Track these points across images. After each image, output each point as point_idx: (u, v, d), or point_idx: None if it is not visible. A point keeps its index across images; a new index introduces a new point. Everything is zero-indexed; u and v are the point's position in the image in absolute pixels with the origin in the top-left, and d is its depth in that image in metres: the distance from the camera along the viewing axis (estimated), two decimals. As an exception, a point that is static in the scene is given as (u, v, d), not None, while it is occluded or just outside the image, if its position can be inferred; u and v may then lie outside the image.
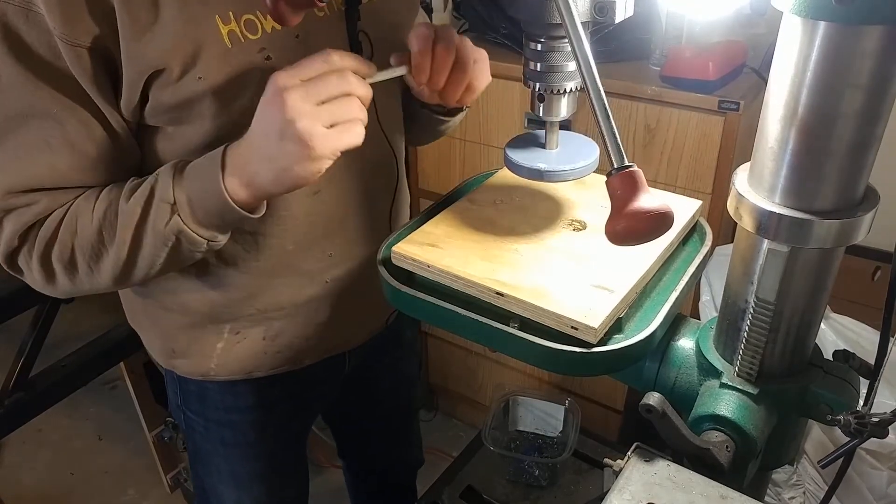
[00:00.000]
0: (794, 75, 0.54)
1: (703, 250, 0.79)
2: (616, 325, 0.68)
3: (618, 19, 0.65)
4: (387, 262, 0.77)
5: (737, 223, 0.63)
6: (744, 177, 0.63)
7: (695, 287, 1.25)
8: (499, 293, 0.69)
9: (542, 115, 0.76)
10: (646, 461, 0.63)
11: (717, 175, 1.47)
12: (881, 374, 0.66)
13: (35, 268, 0.78)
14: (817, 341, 0.70)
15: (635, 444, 0.65)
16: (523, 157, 0.78)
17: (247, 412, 1.06)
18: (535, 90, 0.75)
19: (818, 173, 0.56)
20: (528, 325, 0.68)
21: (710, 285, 1.51)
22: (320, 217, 0.90)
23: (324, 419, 1.43)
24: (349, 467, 1.57)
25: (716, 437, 0.64)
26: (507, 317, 0.69)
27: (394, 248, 0.75)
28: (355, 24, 0.85)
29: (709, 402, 0.66)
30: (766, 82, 0.58)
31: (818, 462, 0.68)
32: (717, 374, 0.69)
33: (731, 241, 0.69)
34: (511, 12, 0.70)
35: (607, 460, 0.67)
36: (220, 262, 0.89)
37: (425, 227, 0.79)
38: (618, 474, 0.63)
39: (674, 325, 0.75)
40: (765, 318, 0.63)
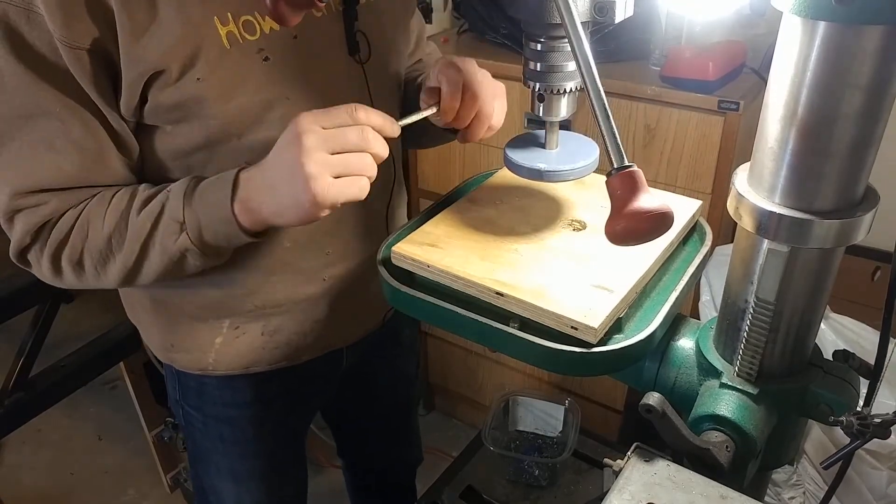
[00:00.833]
0: (794, 75, 0.54)
1: (703, 250, 0.79)
2: (616, 325, 0.68)
3: (618, 19, 0.65)
4: (386, 262, 0.77)
5: (737, 223, 0.63)
6: (744, 177, 0.63)
7: (695, 287, 1.25)
8: (499, 293, 0.69)
9: (541, 115, 0.76)
10: (646, 461, 0.63)
11: (717, 175, 1.47)
12: (883, 374, 0.66)
13: (45, 264, 0.81)
14: (817, 341, 0.70)
15: (635, 444, 0.65)
16: (523, 157, 0.78)
17: (245, 407, 1.06)
18: (535, 90, 0.75)
19: (818, 173, 0.56)
20: (527, 325, 0.68)
21: (710, 285, 1.51)
22: None
23: (323, 418, 1.43)
24: (348, 467, 1.58)
25: (716, 437, 0.64)
26: (506, 317, 0.69)
27: (394, 248, 0.75)
28: (353, 25, 0.85)
29: (709, 402, 0.66)
30: (765, 82, 0.58)
31: (820, 463, 0.68)
32: (716, 374, 0.69)
33: (731, 241, 0.69)
34: (511, 12, 0.70)
35: (607, 460, 0.67)
36: None
37: (425, 227, 0.79)
38: (618, 474, 0.63)
39: (674, 325, 0.75)
40: (765, 318, 0.63)
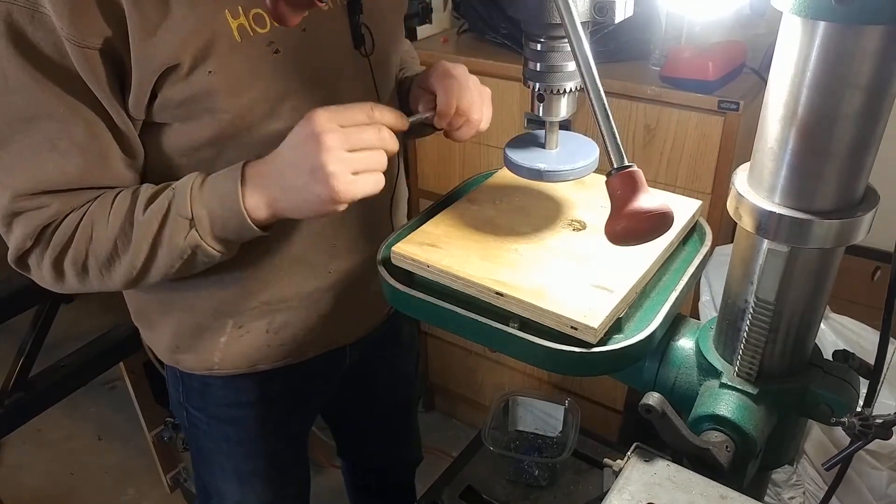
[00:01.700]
0: (794, 75, 0.54)
1: (703, 250, 0.79)
2: (616, 325, 0.68)
3: (618, 19, 0.65)
4: (386, 262, 0.77)
5: (737, 223, 0.63)
6: (743, 177, 0.63)
7: (695, 287, 1.25)
8: (498, 293, 0.69)
9: (541, 115, 0.76)
10: (645, 461, 0.63)
11: (717, 175, 1.47)
12: (884, 375, 0.66)
13: (46, 268, 0.79)
14: (817, 341, 0.70)
15: (635, 444, 0.65)
16: (523, 157, 0.78)
17: (249, 407, 1.06)
18: (535, 90, 0.75)
19: (818, 173, 0.56)
20: (527, 325, 0.68)
21: (710, 285, 1.51)
22: None
23: (323, 418, 1.43)
24: (348, 466, 1.58)
25: (715, 437, 0.64)
26: (506, 317, 0.69)
27: (393, 248, 0.75)
28: (358, 18, 0.86)
29: (708, 402, 0.66)
30: (765, 82, 0.58)
31: (822, 465, 0.68)
32: (716, 374, 0.69)
33: (731, 241, 0.69)
34: (511, 12, 0.70)
35: (607, 460, 0.67)
36: None
37: (425, 227, 0.79)
38: (617, 474, 0.63)
39: (674, 325, 0.75)
40: (764, 318, 0.63)
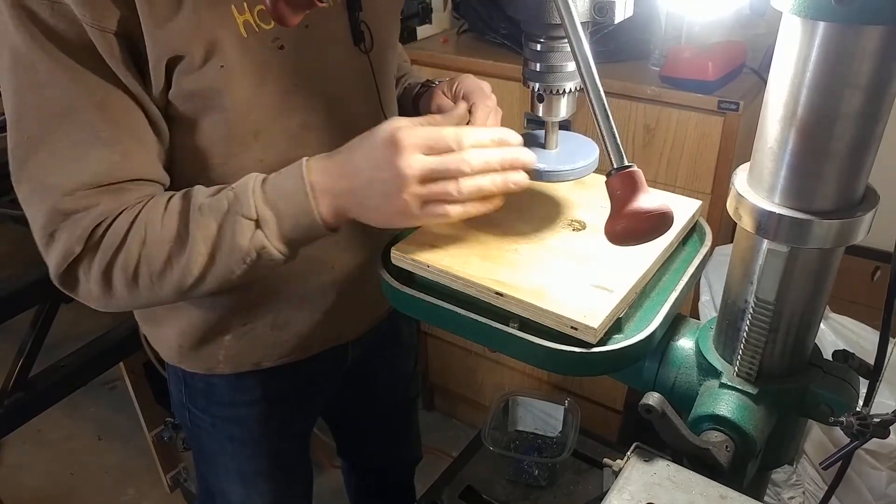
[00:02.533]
0: (794, 75, 0.54)
1: (703, 250, 0.79)
2: (616, 326, 0.68)
3: (617, 19, 0.65)
4: (386, 262, 0.77)
5: (736, 223, 0.63)
6: (743, 177, 0.63)
7: (695, 287, 1.25)
8: (498, 293, 0.69)
9: (541, 115, 0.76)
10: (645, 461, 0.63)
11: (717, 175, 1.47)
12: (883, 374, 0.66)
13: (94, 278, 0.74)
14: (817, 341, 0.70)
15: (635, 444, 0.65)
16: (523, 157, 0.78)
17: (252, 406, 1.06)
18: (535, 90, 0.75)
19: (818, 173, 0.56)
20: (527, 325, 0.68)
21: (710, 285, 1.51)
22: None
23: (323, 418, 1.43)
24: (348, 466, 1.58)
25: (715, 437, 0.64)
26: (506, 317, 0.69)
27: (393, 249, 0.75)
28: (357, 15, 0.87)
29: (708, 402, 0.66)
30: (765, 82, 0.58)
31: (820, 463, 0.68)
32: (716, 374, 0.69)
33: (731, 241, 0.69)
34: (511, 12, 0.70)
35: (607, 460, 0.67)
36: None
37: (425, 227, 0.79)
38: (617, 474, 0.63)
39: (673, 325, 0.75)
40: (764, 318, 0.63)
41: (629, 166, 0.60)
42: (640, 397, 0.61)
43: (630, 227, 0.60)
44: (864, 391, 0.68)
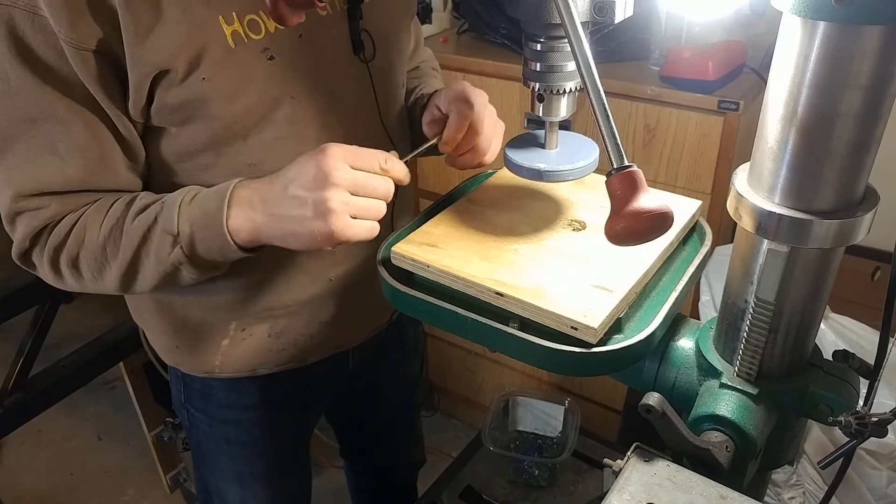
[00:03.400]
0: (794, 75, 0.54)
1: (703, 250, 0.79)
2: (616, 326, 0.68)
3: (617, 19, 0.65)
4: (386, 262, 0.77)
5: (737, 223, 0.63)
6: (743, 177, 0.63)
7: (695, 287, 1.25)
8: (498, 293, 0.69)
9: (541, 115, 0.76)
10: (645, 461, 0.63)
11: (717, 175, 1.47)
12: (881, 374, 0.66)
13: (45, 267, 0.81)
14: (817, 341, 0.70)
15: (635, 445, 0.65)
16: (523, 157, 0.78)
17: (251, 410, 1.06)
18: (535, 90, 0.75)
19: (818, 173, 0.56)
20: (527, 325, 0.68)
21: (710, 285, 1.51)
22: None
23: (327, 419, 1.43)
24: (351, 467, 1.57)
25: (715, 437, 0.64)
26: (506, 317, 0.69)
27: (393, 248, 0.75)
28: (357, 23, 0.86)
29: (708, 402, 0.66)
30: (765, 82, 0.58)
31: (818, 463, 0.68)
32: (716, 374, 0.69)
33: (731, 241, 0.69)
34: (510, 12, 0.70)
35: (607, 460, 0.67)
36: None
37: (425, 227, 0.79)
38: (617, 474, 0.63)
39: (673, 325, 0.75)
40: (764, 318, 0.63)
41: (629, 166, 0.60)
42: (640, 397, 0.61)
43: (630, 227, 0.60)
44: (863, 391, 0.68)
